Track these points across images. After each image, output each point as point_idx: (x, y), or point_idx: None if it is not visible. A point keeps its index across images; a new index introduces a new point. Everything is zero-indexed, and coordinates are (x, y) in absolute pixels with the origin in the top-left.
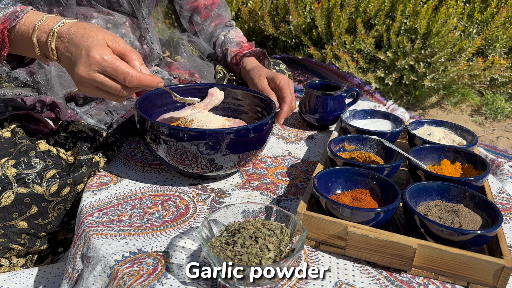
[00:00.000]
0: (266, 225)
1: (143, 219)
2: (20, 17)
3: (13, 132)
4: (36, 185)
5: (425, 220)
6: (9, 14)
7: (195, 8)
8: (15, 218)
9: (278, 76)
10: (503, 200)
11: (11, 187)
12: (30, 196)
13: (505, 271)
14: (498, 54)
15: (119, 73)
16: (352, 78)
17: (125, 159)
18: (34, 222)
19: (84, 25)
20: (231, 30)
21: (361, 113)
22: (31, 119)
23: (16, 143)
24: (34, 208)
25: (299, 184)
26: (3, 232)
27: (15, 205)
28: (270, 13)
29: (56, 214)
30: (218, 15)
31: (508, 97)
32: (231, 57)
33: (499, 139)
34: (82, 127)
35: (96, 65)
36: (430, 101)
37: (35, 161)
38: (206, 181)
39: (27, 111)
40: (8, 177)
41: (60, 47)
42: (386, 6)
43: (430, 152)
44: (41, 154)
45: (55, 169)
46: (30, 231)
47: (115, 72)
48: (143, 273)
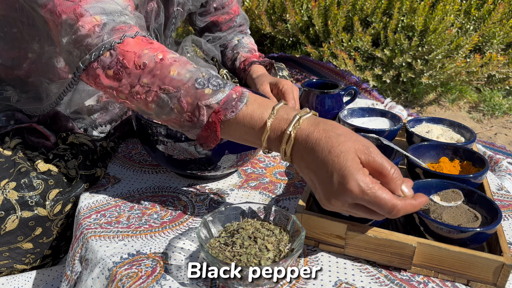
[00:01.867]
0: (265, 225)
1: (141, 220)
2: (240, 108)
3: (13, 149)
4: (40, 207)
5: (424, 218)
6: (223, 102)
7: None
8: (20, 241)
9: (281, 82)
10: (502, 197)
11: (14, 212)
12: (34, 219)
13: (505, 268)
14: (495, 50)
15: (383, 207)
16: (349, 76)
17: (122, 160)
18: (39, 242)
19: (327, 130)
20: (245, 36)
21: (359, 111)
22: (33, 132)
23: (16, 162)
24: (39, 229)
25: (297, 183)
26: (8, 254)
27: (20, 229)
28: (267, 11)
29: (60, 230)
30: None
31: (505, 94)
32: (240, 62)
33: (497, 136)
34: (83, 139)
35: (353, 198)
36: (428, 98)
37: (36, 182)
38: (204, 181)
39: (30, 124)
40: (11, 201)
41: (297, 154)
42: (383, 3)
43: (429, 150)
44: (41, 175)
45: (57, 188)
46: (36, 251)
47: (378, 207)
48: (142, 274)
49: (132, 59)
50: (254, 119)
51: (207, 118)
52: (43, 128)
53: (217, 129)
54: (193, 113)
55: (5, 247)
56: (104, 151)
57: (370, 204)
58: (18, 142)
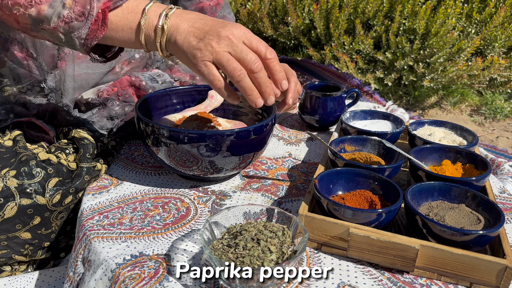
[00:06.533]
0: (268, 227)
1: (144, 222)
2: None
3: (14, 141)
4: (39, 195)
5: (427, 220)
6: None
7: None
8: (19, 230)
9: None
10: (504, 200)
11: (13, 199)
12: (33, 207)
13: (508, 271)
14: (497, 53)
15: (262, 43)
16: (351, 79)
17: (125, 162)
18: (37, 233)
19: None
20: None
21: (361, 114)
22: (33, 126)
23: (17, 152)
24: (37, 219)
25: (300, 185)
26: (6, 243)
27: (19, 217)
28: (269, 14)
29: (59, 223)
30: (223, 16)
31: (507, 97)
32: None
33: (499, 139)
34: (84, 133)
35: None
36: (430, 101)
37: (36, 171)
38: (207, 183)
39: (29, 118)
40: (10, 189)
41: (173, 26)
42: (384, 6)
43: (431, 153)
44: (41, 164)
45: (57, 177)
46: (34, 242)
47: (259, 41)
48: (145, 276)
49: None
50: (132, 20)
51: (97, 10)
52: (42, 123)
53: (106, 17)
54: (84, 5)
55: (4, 235)
56: (104, 147)
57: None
58: (18, 133)
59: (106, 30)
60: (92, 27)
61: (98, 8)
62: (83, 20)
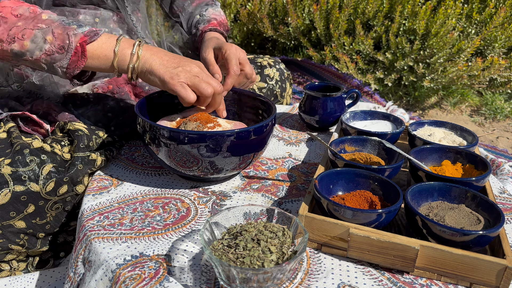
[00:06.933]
0: (268, 227)
1: (144, 222)
2: (100, 34)
3: (8, 132)
4: (32, 182)
5: (427, 221)
6: (87, 32)
7: None
8: (13, 218)
9: (225, 46)
10: (504, 200)
11: (7, 186)
12: (27, 194)
13: (507, 271)
14: (497, 54)
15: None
16: (351, 79)
17: (125, 163)
18: (32, 222)
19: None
20: (209, 8)
21: (361, 114)
22: (27, 120)
23: (12, 143)
24: (31, 207)
25: (300, 186)
26: (1, 232)
27: (12, 204)
28: (269, 15)
29: (54, 214)
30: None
31: (507, 97)
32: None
33: (499, 139)
34: (79, 125)
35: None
36: (430, 101)
37: (30, 158)
38: (207, 183)
39: (23, 112)
40: (4, 176)
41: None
42: (384, 7)
43: (431, 153)
44: (35, 151)
45: (51, 163)
46: (29, 231)
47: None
48: (145, 276)
49: (9, 11)
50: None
51: (75, 44)
52: (36, 117)
53: (84, 50)
54: (63, 40)
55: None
56: (100, 140)
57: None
58: (12, 125)
59: (86, 60)
60: (72, 58)
61: (76, 42)
62: (64, 52)
